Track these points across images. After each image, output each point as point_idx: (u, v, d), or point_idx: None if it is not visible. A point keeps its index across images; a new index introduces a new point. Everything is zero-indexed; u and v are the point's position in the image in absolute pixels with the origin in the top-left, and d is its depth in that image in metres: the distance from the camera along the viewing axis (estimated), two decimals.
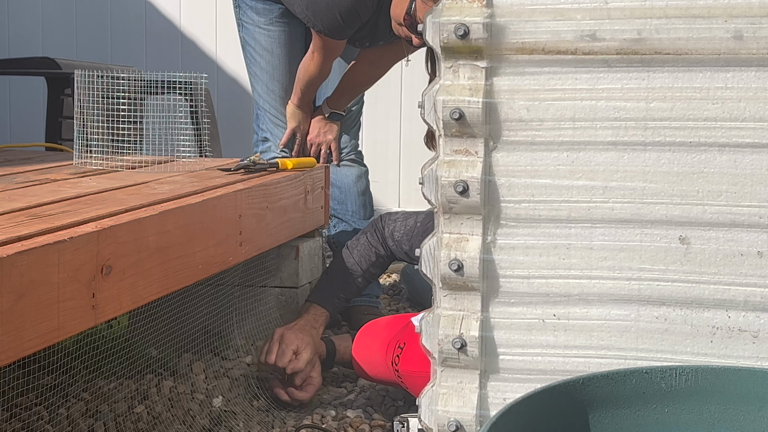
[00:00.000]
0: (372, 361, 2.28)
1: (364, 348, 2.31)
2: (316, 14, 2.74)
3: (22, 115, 5.53)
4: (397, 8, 2.64)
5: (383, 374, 2.24)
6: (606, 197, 1.39)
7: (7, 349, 1.42)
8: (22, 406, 2.01)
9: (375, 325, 2.35)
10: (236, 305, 2.57)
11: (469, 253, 1.41)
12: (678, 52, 1.34)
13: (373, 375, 2.31)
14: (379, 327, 2.33)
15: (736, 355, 1.38)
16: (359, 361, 2.32)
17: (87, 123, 2.56)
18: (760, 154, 1.35)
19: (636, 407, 1.32)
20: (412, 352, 2.13)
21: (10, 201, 1.96)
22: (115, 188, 2.21)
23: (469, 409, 1.44)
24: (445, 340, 1.44)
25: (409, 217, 2.58)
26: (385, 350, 2.21)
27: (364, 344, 2.31)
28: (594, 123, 1.38)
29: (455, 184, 1.40)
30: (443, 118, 1.40)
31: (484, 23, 1.37)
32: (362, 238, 2.60)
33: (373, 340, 2.29)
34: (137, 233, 1.76)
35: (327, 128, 3.09)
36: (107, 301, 1.66)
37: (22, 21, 5.57)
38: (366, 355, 2.30)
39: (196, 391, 2.28)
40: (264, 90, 3.09)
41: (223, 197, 2.14)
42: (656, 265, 1.39)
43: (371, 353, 2.28)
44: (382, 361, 2.22)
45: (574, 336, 1.42)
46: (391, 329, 2.26)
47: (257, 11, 3.03)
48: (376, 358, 2.25)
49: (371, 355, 2.28)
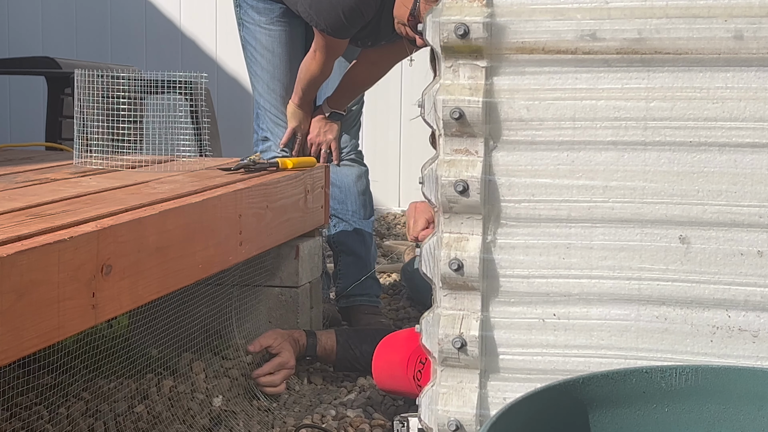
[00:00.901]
0: (394, 375, 2.25)
1: (385, 363, 2.29)
2: (320, 13, 2.74)
3: (22, 115, 5.54)
4: (401, 9, 2.64)
5: (406, 387, 2.23)
6: (606, 197, 1.39)
7: (7, 348, 1.42)
8: (22, 405, 2.01)
9: (394, 339, 2.33)
10: (236, 305, 2.57)
11: (469, 252, 1.41)
12: (678, 51, 1.34)
13: (397, 388, 2.29)
14: (399, 341, 2.31)
15: (736, 355, 1.38)
16: (381, 377, 2.30)
17: (87, 122, 2.56)
18: (759, 153, 1.35)
19: (636, 407, 1.32)
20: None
21: (10, 200, 1.96)
22: (115, 188, 2.21)
23: (469, 409, 1.44)
24: (445, 340, 1.44)
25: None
26: (406, 365, 2.20)
27: (385, 359, 2.29)
28: (594, 123, 1.38)
29: (455, 183, 1.40)
30: (443, 117, 1.40)
31: (484, 23, 1.37)
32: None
33: (393, 355, 2.27)
34: (137, 233, 1.76)
35: (327, 128, 3.08)
36: (107, 300, 1.66)
37: (22, 21, 5.57)
38: (387, 371, 2.27)
39: (196, 390, 2.28)
40: (264, 89, 3.09)
41: (223, 197, 2.14)
42: (656, 264, 1.39)
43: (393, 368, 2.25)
44: (403, 375, 2.21)
45: (574, 335, 1.42)
46: (412, 343, 2.25)
47: (258, 10, 3.03)
48: (398, 372, 2.23)
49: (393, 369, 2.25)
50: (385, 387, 2.32)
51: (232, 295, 2.56)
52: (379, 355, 2.31)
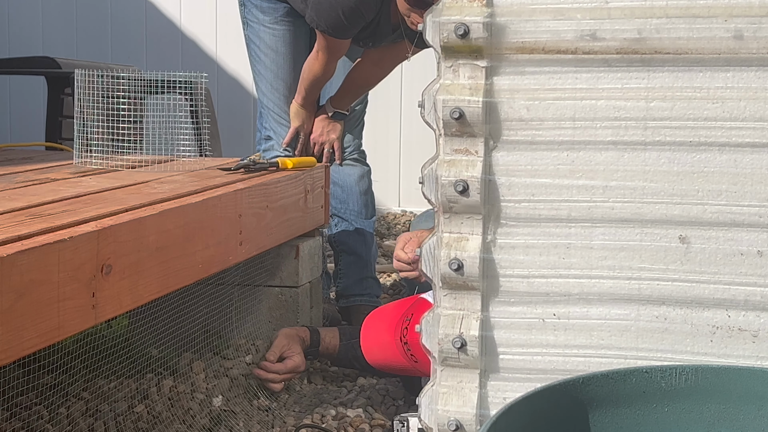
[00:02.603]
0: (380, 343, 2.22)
1: (371, 330, 2.26)
2: (320, 14, 2.74)
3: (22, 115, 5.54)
4: (402, 7, 2.64)
5: (392, 357, 2.20)
6: (606, 197, 1.39)
7: (7, 348, 1.42)
8: (22, 405, 2.01)
9: (382, 310, 2.32)
10: (236, 305, 2.57)
11: (469, 252, 1.41)
12: (678, 51, 1.34)
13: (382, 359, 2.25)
14: (387, 310, 2.30)
15: (736, 355, 1.38)
16: (368, 346, 2.27)
17: (87, 122, 2.56)
18: (759, 153, 1.35)
19: (636, 407, 1.32)
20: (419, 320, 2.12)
21: (10, 200, 1.96)
22: (116, 188, 2.21)
23: (469, 409, 1.44)
24: (445, 340, 1.44)
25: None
26: (393, 330, 2.19)
27: (372, 327, 2.26)
28: (594, 122, 1.38)
29: (455, 183, 1.40)
30: (443, 117, 1.40)
31: (484, 22, 1.37)
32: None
33: (380, 322, 2.25)
34: (137, 232, 1.76)
35: (330, 128, 3.09)
36: (107, 300, 1.66)
37: (22, 21, 5.57)
38: (374, 339, 2.24)
39: (196, 390, 2.28)
40: (268, 88, 3.09)
41: (224, 197, 2.14)
42: (656, 264, 1.39)
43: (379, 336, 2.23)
44: (391, 340, 2.18)
45: (574, 335, 1.42)
46: (399, 309, 2.24)
47: (262, 10, 3.03)
48: (384, 338, 2.21)
49: (379, 337, 2.23)
50: (375, 360, 2.29)
51: (232, 294, 2.56)
52: (367, 325, 2.30)
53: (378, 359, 2.28)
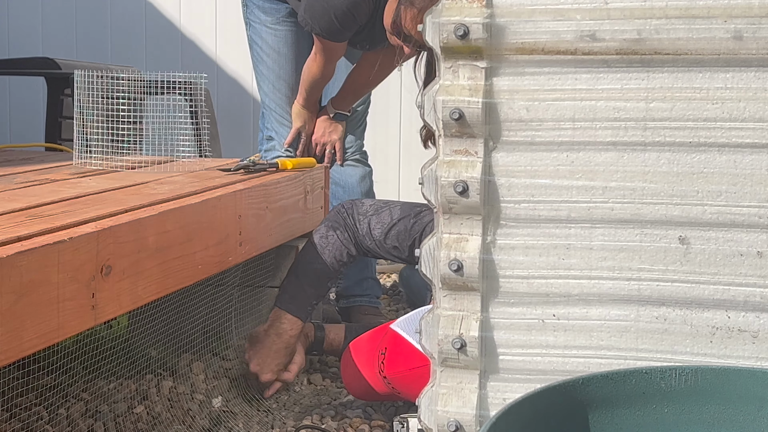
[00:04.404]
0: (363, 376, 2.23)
1: (351, 367, 2.27)
2: (313, 17, 2.75)
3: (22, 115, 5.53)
4: (388, 18, 2.64)
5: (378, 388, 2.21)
6: (606, 197, 1.39)
7: (7, 349, 1.42)
8: (21, 406, 2.01)
9: (357, 343, 2.31)
10: (236, 305, 2.57)
11: (469, 253, 1.41)
12: (678, 52, 1.34)
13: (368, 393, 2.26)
14: (362, 343, 2.29)
15: (735, 355, 1.38)
16: (351, 383, 2.27)
17: (87, 123, 2.56)
18: (759, 154, 1.35)
19: (636, 407, 1.32)
20: (394, 355, 2.11)
21: (10, 201, 1.96)
22: (115, 188, 2.21)
23: (469, 410, 1.44)
24: (445, 341, 1.44)
25: (379, 210, 2.37)
26: (372, 363, 2.19)
27: (351, 364, 2.26)
28: (594, 123, 1.38)
29: (455, 184, 1.40)
30: (443, 118, 1.40)
31: (483, 23, 1.37)
32: (332, 236, 2.38)
33: (358, 357, 2.25)
34: (137, 233, 1.76)
35: (332, 128, 3.09)
36: (107, 301, 1.66)
37: (22, 21, 5.57)
38: (355, 375, 2.25)
39: (195, 391, 2.28)
40: (270, 89, 3.09)
41: (223, 197, 2.14)
42: (656, 265, 1.39)
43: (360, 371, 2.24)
44: (373, 374, 2.19)
45: (573, 336, 1.42)
46: (373, 342, 2.24)
47: (264, 10, 3.04)
48: (367, 372, 2.22)
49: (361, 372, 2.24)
50: (359, 393, 2.29)
51: (231, 295, 2.56)
52: (345, 363, 2.30)
53: (362, 394, 2.30)
